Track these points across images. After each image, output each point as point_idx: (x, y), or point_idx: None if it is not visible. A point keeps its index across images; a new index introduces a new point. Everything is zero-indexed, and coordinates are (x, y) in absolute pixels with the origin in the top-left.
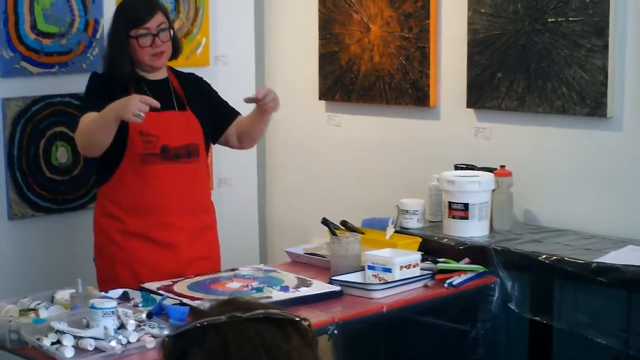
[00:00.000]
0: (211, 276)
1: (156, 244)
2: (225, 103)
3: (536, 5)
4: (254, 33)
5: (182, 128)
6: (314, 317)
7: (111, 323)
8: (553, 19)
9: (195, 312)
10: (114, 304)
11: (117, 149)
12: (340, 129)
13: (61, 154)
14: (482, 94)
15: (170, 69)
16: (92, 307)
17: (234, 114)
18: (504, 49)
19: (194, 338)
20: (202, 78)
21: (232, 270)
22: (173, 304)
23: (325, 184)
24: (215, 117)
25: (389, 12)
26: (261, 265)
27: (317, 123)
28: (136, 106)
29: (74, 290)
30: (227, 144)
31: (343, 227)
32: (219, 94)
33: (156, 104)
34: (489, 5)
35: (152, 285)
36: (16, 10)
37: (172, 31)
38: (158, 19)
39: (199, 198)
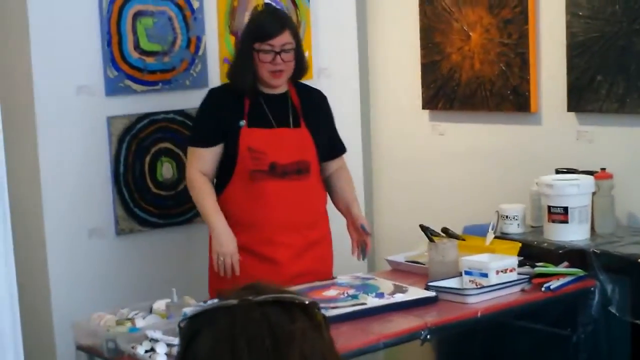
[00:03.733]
0: (309, 285)
1: (260, 258)
2: (337, 136)
3: (634, 6)
4: (357, 45)
5: (293, 145)
6: (407, 322)
7: None
8: None
9: (219, 295)
10: None
11: (228, 164)
12: (444, 138)
13: (166, 170)
14: (582, 97)
15: (295, 83)
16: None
17: (340, 151)
18: (603, 51)
19: (206, 320)
20: (326, 100)
21: (332, 279)
22: None
23: (430, 192)
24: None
25: (489, 19)
26: (359, 274)
27: (421, 132)
28: (224, 259)
29: (169, 300)
30: None
31: (442, 234)
32: None
33: (236, 272)
34: (587, 8)
35: None
36: (119, 31)
37: (298, 52)
38: (284, 38)
39: (307, 215)
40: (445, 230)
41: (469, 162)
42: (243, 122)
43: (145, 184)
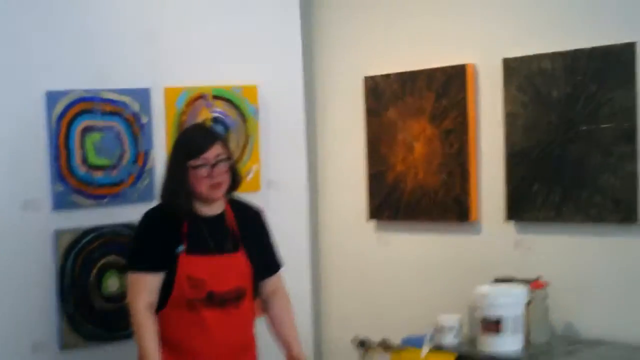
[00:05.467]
0: None
1: None
2: (274, 253)
3: (569, 116)
4: (306, 157)
5: (231, 272)
6: None
7: None
8: (585, 127)
9: None
10: None
11: (164, 288)
12: (389, 248)
13: (112, 283)
14: (520, 206)
15: (230, 200)
16: None
17: (277, 267)
18: (540, 160)
19: None
20: (262, 215)
21: None
22: None
23: (375, 301)
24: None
25: (431, 130)
26: None
27: (367, 242)
28: None
29: None
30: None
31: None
32: (272, 216)
33: None
34: (524, 117)
35: None
36: (67, 145)
37: (231, 163)
38: (216, 150)
39: (242, 339)
40: (383, 342)
41: (412, 271)
42: (182, 247)
43: (90, 298)
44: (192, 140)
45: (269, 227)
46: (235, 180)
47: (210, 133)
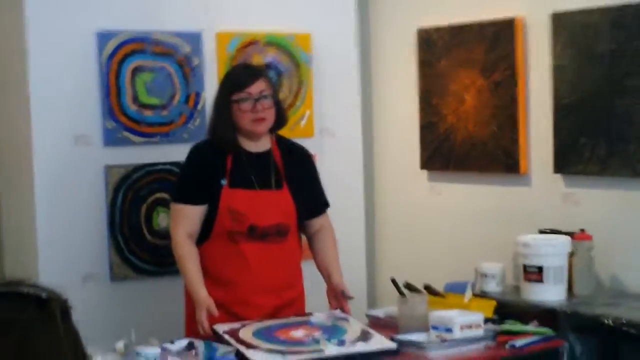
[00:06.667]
0: (281, 321)
1: (233, 316)
2: (321, 193)
3: (617, 70)
4: (360, 104)
5: (273, 207)
6: None
7: None
8: (632, 82)
9: None
10: (156, 350)
11: (207, 221)
12: (440, 197)
13: (162, 219)
14: (567, 159)
15: (278, 139)
16: (137, 354)
17: (323, 207)
18: (587, 113)
19: None
20: (309, 156)
21: (307, 315)
22: (224, 353)
23: (424, 247)
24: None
25: (481, 82)
26: (337, 311)
27: (419, 191)
28: (199, 320)
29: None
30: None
31: (423, 290)
32: (326, 164)
33: (208, 333)
34: (572, 71)
35: (221, 328)
36: (118, 84)
37: (276, 100)
38: (260, 86)
39: (284, 276)
40: (427, 286)
41: (461, 220)
42: (224, 181)
43: (140, 232)
44: (236, 75)
45: (316, 167)
46: (280, 118)
47: (254, 69)
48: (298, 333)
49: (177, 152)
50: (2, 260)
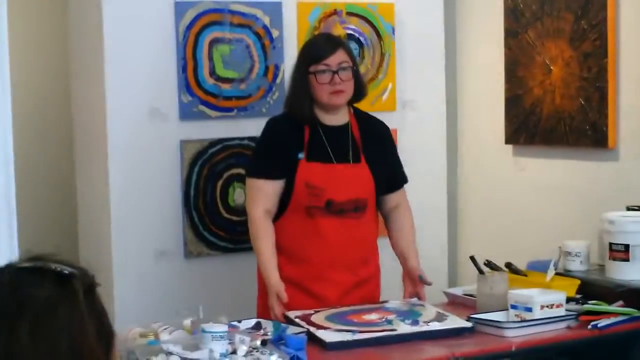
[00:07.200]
0: (355, 307)
1: (308, 294)
2: (399, 168)
3: None
4: (444, 77)
5: (351, 182)
6: (433, 351)
7: (220, 347)
8: None
9: None
10: (224, 328)
11: (284, 195)
12: (524, 172)
13: (238, 196)
14: None
15: (356, 112)
16: (203, 331)
17: (402, 182)
18: None
19: None
20: (388, 130)
21: (382, 302)
22: (296, 333)
23: (509, 226)
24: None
25: (569, 53)
26: (414, 299)
27: (503, 166)
28: (271, 306)
29: (196, 317)
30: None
31: (505, 268)
32: (408, 139)
33: (280, 319)
34: None
35: (292, 314)
36: (195, 57)
37: (355, 71)
38: (339, 57)
39: (360, 252)
40: (508, 264)
41: (546, 196)
42: (302, 155)
43: (216, 208)
44: (314, 46)
45: (394, 142)
46: (360, 90)
47: (334, 39)
48: (371, 316)
49: (255, 127)
50: (77, 236)
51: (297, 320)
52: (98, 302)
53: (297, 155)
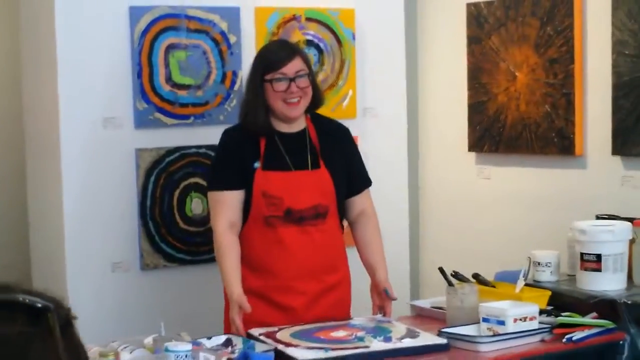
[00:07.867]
0: (320, 325)
1: (273, 305)
2: (361, 170)
3: None
4: (405, 84)
5: (311, 189)
6: None
7: None
8: None
9: None
10: (188, 347)
11: (245, 207)
12: (489, 181)
13: (196, 205)
14: (627, 140)
15: (313, 116)
16: (166, 349)
17: (365, 185)
18: None
19: None
20: (347, 131)
21: (346, 319)
22: (263, 351)
23: (472, 234)
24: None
25: (535, 59)
26: (378, 316)
27: (466, 175)
28: (231, 319)
29: (157, 335)
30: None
31: (472, 279)
32: (369, 146)
33: (241, 332)
34: (634, 46)
35: (256, 331)
36: (150, 63)
37: (312, 79)
38: (296, 64)
39: (325, 259)
40: (475, 275)
41: (512, 206)
42: (258, 164)
43: (173, 219)
44: (270, 53)
45: (354, 143)
46: (317, 99)
47: (290, 46)
48: (339, 333)
49: (213, 135)
50: (29, 247)
51: (262, 337)
52: (76, 338)
53: (253, 165)
